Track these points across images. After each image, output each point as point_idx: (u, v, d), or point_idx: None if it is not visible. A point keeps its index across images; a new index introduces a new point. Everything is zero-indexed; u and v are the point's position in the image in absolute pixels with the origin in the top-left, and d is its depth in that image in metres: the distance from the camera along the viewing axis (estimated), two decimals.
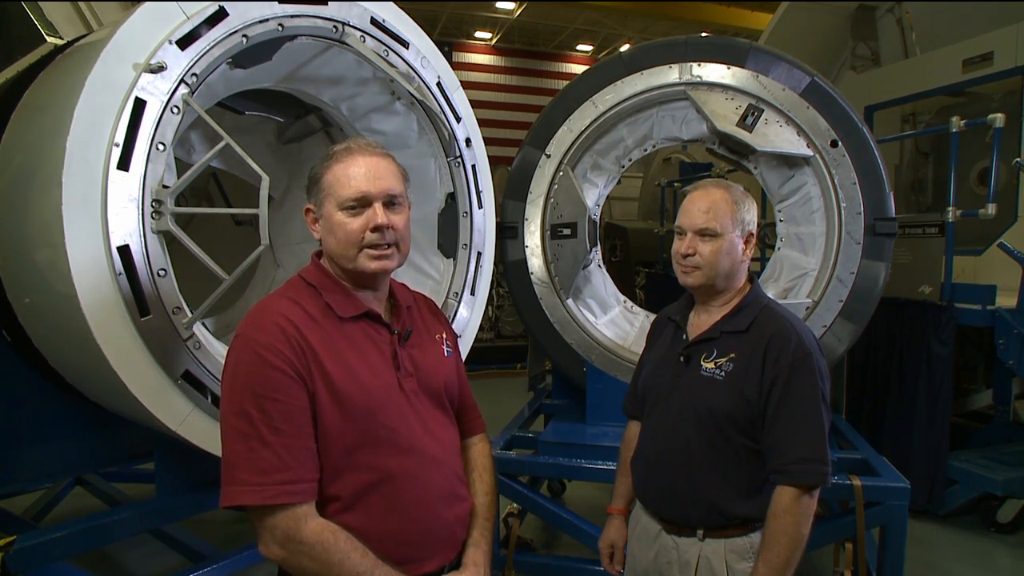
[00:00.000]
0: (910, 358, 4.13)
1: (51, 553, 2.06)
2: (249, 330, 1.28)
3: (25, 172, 1.92)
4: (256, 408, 1.22)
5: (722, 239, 1.69)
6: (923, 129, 6.46)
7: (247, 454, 1.21)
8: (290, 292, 1.37)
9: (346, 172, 1.34)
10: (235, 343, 1.28)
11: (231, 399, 1.25)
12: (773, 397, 1.62)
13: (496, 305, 8.96)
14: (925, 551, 3.73)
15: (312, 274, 1.40)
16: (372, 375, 1.34)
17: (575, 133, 3.38)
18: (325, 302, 1.35)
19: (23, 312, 2.10)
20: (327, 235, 1.38)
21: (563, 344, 3.42)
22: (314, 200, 1.40)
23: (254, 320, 1.30)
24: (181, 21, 1.94)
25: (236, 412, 1.23)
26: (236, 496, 1.21)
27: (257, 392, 1.22)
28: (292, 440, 1.23)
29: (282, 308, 1.31)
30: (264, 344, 1.24)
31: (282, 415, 1.23)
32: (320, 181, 1.37)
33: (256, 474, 1.20)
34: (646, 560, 1.82)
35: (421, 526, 1.36)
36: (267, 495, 1.20)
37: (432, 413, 1.45)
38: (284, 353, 1.24)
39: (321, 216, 1.38)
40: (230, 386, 1.26)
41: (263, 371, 1.23)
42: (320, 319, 1.33)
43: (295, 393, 1.24)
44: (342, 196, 1.33)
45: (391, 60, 2.54)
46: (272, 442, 1.21)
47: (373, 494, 1.30)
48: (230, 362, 1.28)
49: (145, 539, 3.23)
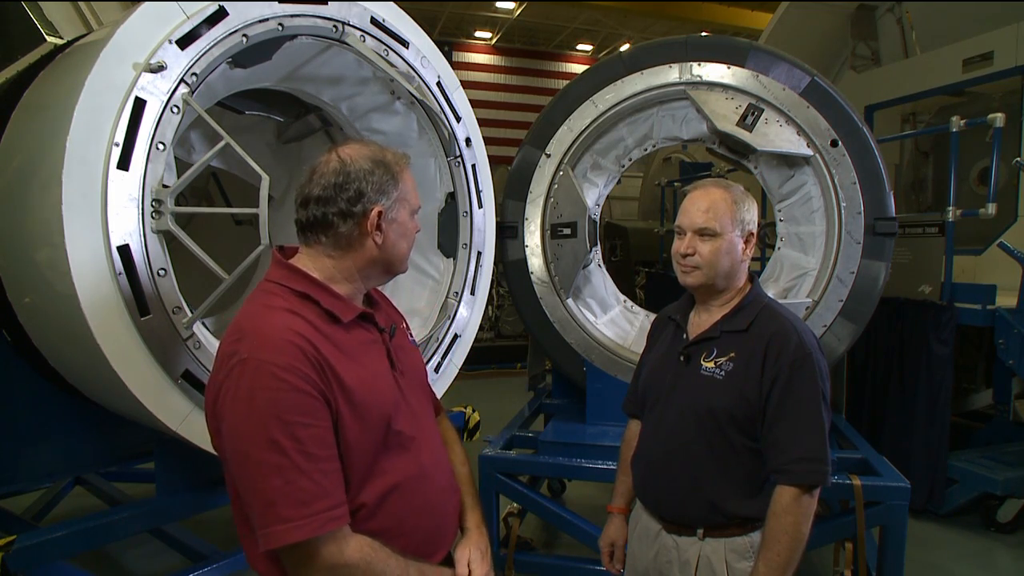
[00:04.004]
0: (910, 358, 4.13)
1: (51, 553, 2.05)
2: (258, 352, 1.17)
3: (25, 172, 1.92)
4: (286, 436, 1.13)
5: (721, 239, 1.69)
6: (923, 129, 6.46)
7: (285, 487, 1.13)
8: (279, 302, 1.27)
9: (414, 182, 1.42)
10: (239, 367, 1.16)
11: (252, 431, 1.14)
12: (773, 397, 1.62)
13: (496, 305, 8.96)
14: (925, 551, 3.73)
15: (295, 280, 1.31)
16: (380, 380, 1.34)
17: (575, 133, 3.38)
18: (324, 309, 1.29)
19: (23, 312, 2.10)
20: (399, 239, 1.38)
21: (563, 344, 3.42)
22: (387, 203, 1.34)
23: (259, 340, 1.18)
24: (181, 21, 1.94)
25: (263, 444, 1.13)
26: (284, 536, 1.12)
27: (284, 419, 1.14)
28: (326, 464, 1.18)
29: (287, 323, 1.22)
30: (283, 366, 1.15)
31: (313, 439, 1.16)
32: (399, 186, 1.36)
33: (299, 507, 1.13)
34: (646, 559, 1.82)
35: (435, 521, 1.40)
36: (314, 526, 1.13)
37: (424, 408, 1.48)
38: (306, 373, 1.17)
39: (395, 220, 1.36)
40: (246, 417, 1.15)
41: (287, 395, 1.15)
42: (323, 327, 1.27)
43: (322, 414, 1.19)
44: (416, 205, 1.42)
45: (391, 60, 2.54)
46: (308, 469, 1.14)
47: (393, 498, 1.31)
48: (240, 389, 1.15)
49: (145, 539, 3.23)
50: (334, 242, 1.34)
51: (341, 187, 1.30)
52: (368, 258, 1.36)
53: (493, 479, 3.09)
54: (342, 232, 1.32)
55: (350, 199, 1.30)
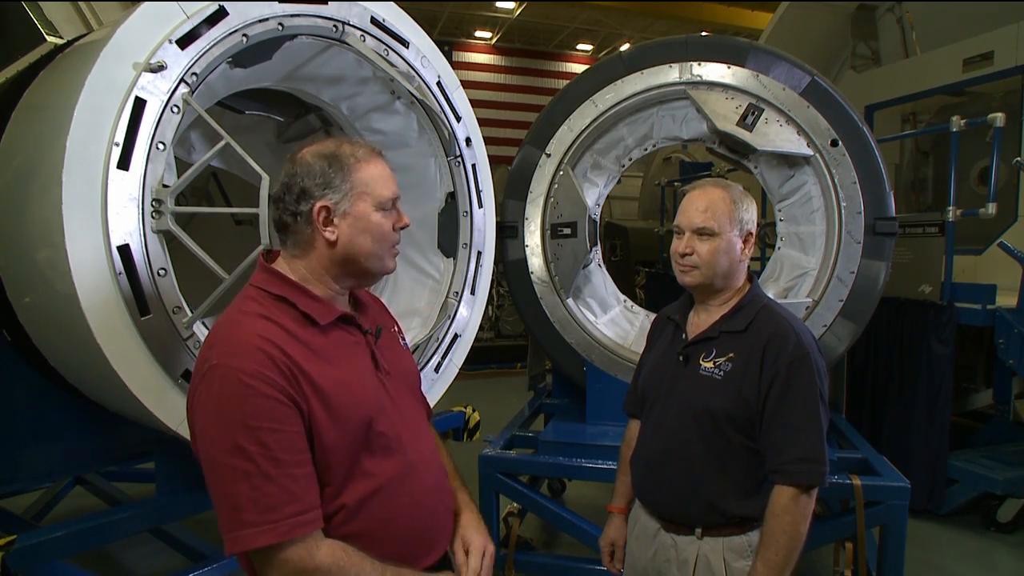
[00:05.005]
0: (910, 358, 4.13)
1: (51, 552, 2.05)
2: (227, 358, 1.16)
3: (25, 171, 1.92)
4: (252, 442, 1.13)
5: (720, 238, 1.69)
6: (923, 128, 6.46)
7: (251, 492, 1.13)
8: (254, 307, 1.26)
9: (381, 173, 1.35)
10: (209, 373, 1.17)
11: (219, 437, 1.14)
12: (771, 396, 1.62)
13: (496, 304, 8.97)
14: (925, 551, 3.73)
15: (273, 283, 1.30)
16: (360, 383, 1.32)
17: (575, 132, 3.38)
18: (301, 312, 1.28)
19: (23, 311, 2.10)
20: (358, 235, 1.31)
21: (563, 343, 3.42)
22: (335, 198, 1.29)
23: (228, 347, 1.18)
24: (181, 20, 1.94)
25: (229, 450, 1.13)
26: (247, 540, 1.13)
27: (249, 425, 1.13)
28: (294, 469, 1.17)
29: (257, 328, 1.21)
30: (248, 372, 1.15)
31: (281, 445, 1.15)
32: (351, 179, 1.30)
33: (264, 512, 1.13)
34: (645, 558, 1.83)
35: (421, 523, 1.37)
36: (280, 531, 1.13)
37: (413, 409, 1.47)
38: (273, 379, 1.16)
39: (348, 214, 1.30)
40: (214, 422, 1.15)
41: (253, 401, 1.14)
42: (298, 331, 1.25)
43: (290, 419, 1.18)
44: (383, 196, 1.33)
45: (391, 59, 2.54)
46: (275, 475, 1.14)
47: (375, 500, 1.30)
48: (210, 395, 1.16)
49: (145, 539, 3.23)
50: (295, 243, 1.33)
51: (288, 186, 1.30)
52: (327, 257, 1.32)
53: (493, 479, 3.09)
54: (297, 232, 1.31)
55: (296, 197, 1.29)
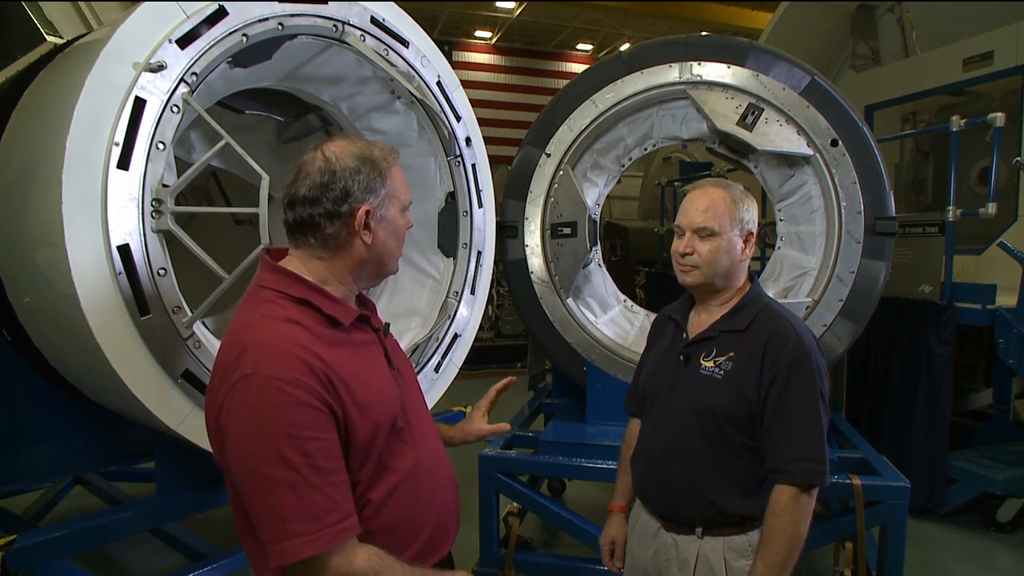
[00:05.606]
0: (910, 357, 4.13)
1: (51, 552, 2.06)
2: (262, 366, 1.15)
3: (25, 171, 1.92)
4: (295, 451, 1.13)
5: (720, 238, 1.70)
6: (923, 128, 6.46)
7: (297, 502, 1.12)
8: (278, 311, 1.24)
9: (403, 177, 1.38)
10: (244, 383, 1.15)
11: (260, 448, 1.13)
12: (772, 396, 1.62)
13: (496, 304, 8.97)
14: (925, 550, 3.73)
15: (290, 285, 1.28)
16: (382, 380, 1.34)
17: (575, 132, 3.38)
18: (325, 315, 1.27)
19: (23, 311, 2.10)
20: (389, 238, 1.34)
21: (563, 343, 3.42)
22: (375, 202, 1.30)
23: (262, 354, 1.17)
24: (181, 20, 1.95)
25: (271, 461, 1.12)
26: (295, 551, 1.12)
27: (292, 434, 1.13)
28: (334, 476, 1.18)
29: (289, 335, 1.20)
30: (288, 380, 1.14)
31: (322, 453, 1.16)
32: (387, 183, 1.32)
33: (311, 522, 1.13)
34: (645, 557, 1.83)
35: (439, 516, 1.40)
36: (326, 539, 1.14)
37: (420, 404, 1.49)
38: (312, 387, 1.16)
39: (384, 218, 1.32)
40: (253, 433, 1.14)
41: (294, 410, 1.14)
42: (325, 334, 1.25)
43: (328, 427, 1.18)
44: (406, 200, 1.37)
45: (391, 59, 2.54)
46: (319, 484, 1.14)
47: (396, 494, 1.31)
48: (246, 406, 1.15)
49: (145, 539, 3.23)
50: (322, 243, 1.30)
51: (327, 187, 1.27)
52: (358, 259, 1.33)
53: (493, 479, 3.09)
54: (330, 233, 1.29)
55: (336, 199, 1.27)
